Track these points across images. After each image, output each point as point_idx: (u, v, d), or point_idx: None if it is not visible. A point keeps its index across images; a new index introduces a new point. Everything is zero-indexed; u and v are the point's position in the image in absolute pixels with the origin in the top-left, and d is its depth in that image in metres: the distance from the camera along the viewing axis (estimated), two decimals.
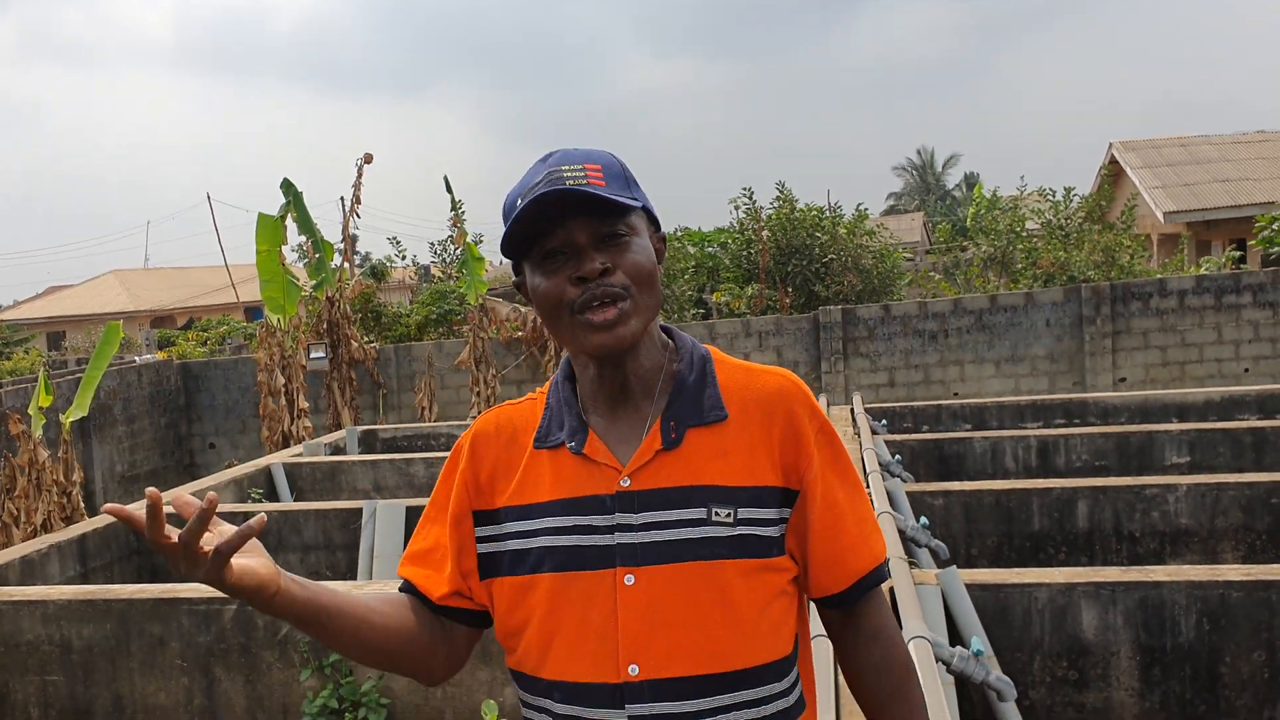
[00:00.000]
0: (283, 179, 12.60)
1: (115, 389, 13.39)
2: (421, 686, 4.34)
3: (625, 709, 1.31)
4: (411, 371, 14.23)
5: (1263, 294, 12.83)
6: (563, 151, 1.41)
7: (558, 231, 1.35)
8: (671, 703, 1.31)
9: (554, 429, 1.43)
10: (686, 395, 1.41)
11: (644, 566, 1.33)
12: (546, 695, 1.38)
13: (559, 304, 1.37)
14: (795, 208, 16.03)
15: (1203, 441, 7.00)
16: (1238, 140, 23.08)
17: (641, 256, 1.37)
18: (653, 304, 1.39)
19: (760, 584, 1.36)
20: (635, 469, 1.37)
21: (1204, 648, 3.94)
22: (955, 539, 5.66)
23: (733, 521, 1.34)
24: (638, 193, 1.42)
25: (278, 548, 6.42)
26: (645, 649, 1.32)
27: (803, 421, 1.41)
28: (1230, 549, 5.45)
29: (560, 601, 1.36)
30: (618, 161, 1.42)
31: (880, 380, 13.40)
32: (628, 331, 1.36)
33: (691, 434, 1.38)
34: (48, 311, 35.09)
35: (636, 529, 1.34)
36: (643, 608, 1.32)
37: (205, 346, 18.75)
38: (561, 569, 1.36)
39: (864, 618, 1.46)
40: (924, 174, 54.71)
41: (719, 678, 1.33)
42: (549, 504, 1.39)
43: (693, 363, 1.45)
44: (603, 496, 1.36)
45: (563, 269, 1.36)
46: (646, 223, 1.43)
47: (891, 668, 1.45)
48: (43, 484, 8.24)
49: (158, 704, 4.61)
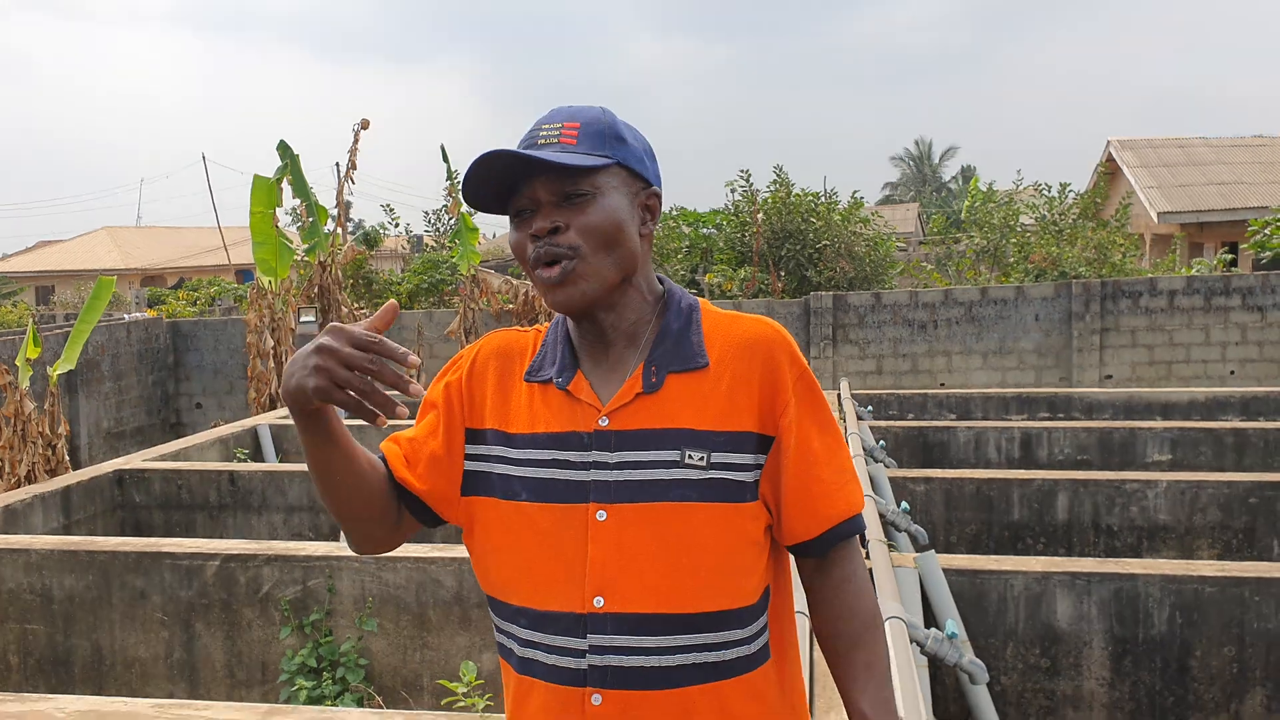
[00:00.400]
0: (279, 141, 12.51)
1: (104, 345, 13.35)
2: (400, 648, 4.37)
3: (586, 638, 1.35)
4: (401, 340, 14.21)
5: (1252, 297, 12.90)
6: (555, 109, 1.46)
7: (524, 189, 1.40)
8: (631, 636, 1.35)
9: (545, 365, 1.47)
10: (669, 341, 1.44)
11: (616, 504, 1.36)
12: (513, 620, 1.42)
13: (524, 258, 1.43)
14: (791, 192, 16.02)
15: (1185, 440, 7.06)
16: (1235, 143, 23.13)
17: (597, 216, 1.39)
18: (615, 262, 1.41)
19: (729, 529, 1.38)
20: (614, 409, 1.40)
21: (1175, 641, 3.99)
22: (935, 525, 5.70)
23: (705, 465, 1.37)
24: (619, 149, 1.43)
25: (262, 507, 6.44)
26: (612, 583, 1.35)
27: (782, 368, 1.43)
28: (1207, 546, 5.51)
29: (533, 531, 1.39)
30: (604, 118, 1.44)
31: (868, 368, 13.44)
32: (577, 291, 1.39)
33: (672, 379, 1.41)
34: (37, 265, 34.86)
35: (611, 467, 1.38)
36: (612, 543, 1.36)
37: (195, 306, 18.68)
38: (537, 499, 1.39)
39: (835, 565, 1.47)
40: (921, 165, 54.70)
41: (680, 618, 1.36)
42: (531, 435, 1.42)
43: (679, 311, 1.47)
44: (581, 433, 1.40)
45: (525, 224, 1.42)
46: (627, 179, 1.44)
47: (856, 614, 1.46)
48: (28, 435, 8.21)
49: (137, 656, 4.63)
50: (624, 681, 1.35)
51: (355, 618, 4.39)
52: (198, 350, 14.83)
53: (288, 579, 4.46)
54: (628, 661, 1.35)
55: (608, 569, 1.36)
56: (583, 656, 1.35)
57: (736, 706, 1.39)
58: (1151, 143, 22.92)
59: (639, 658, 1.35)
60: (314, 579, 4.44)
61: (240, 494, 6.49)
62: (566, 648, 1.36)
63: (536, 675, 1.39)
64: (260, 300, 12.24)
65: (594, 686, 1.35)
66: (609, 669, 1.35)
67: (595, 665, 1.35)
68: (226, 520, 6.49)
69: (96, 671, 4.66)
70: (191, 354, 14.86)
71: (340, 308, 13.64)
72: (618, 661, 1.35)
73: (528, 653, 1.40)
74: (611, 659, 1.35)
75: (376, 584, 4.37)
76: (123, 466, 6.62)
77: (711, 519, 1.37)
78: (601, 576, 1.36)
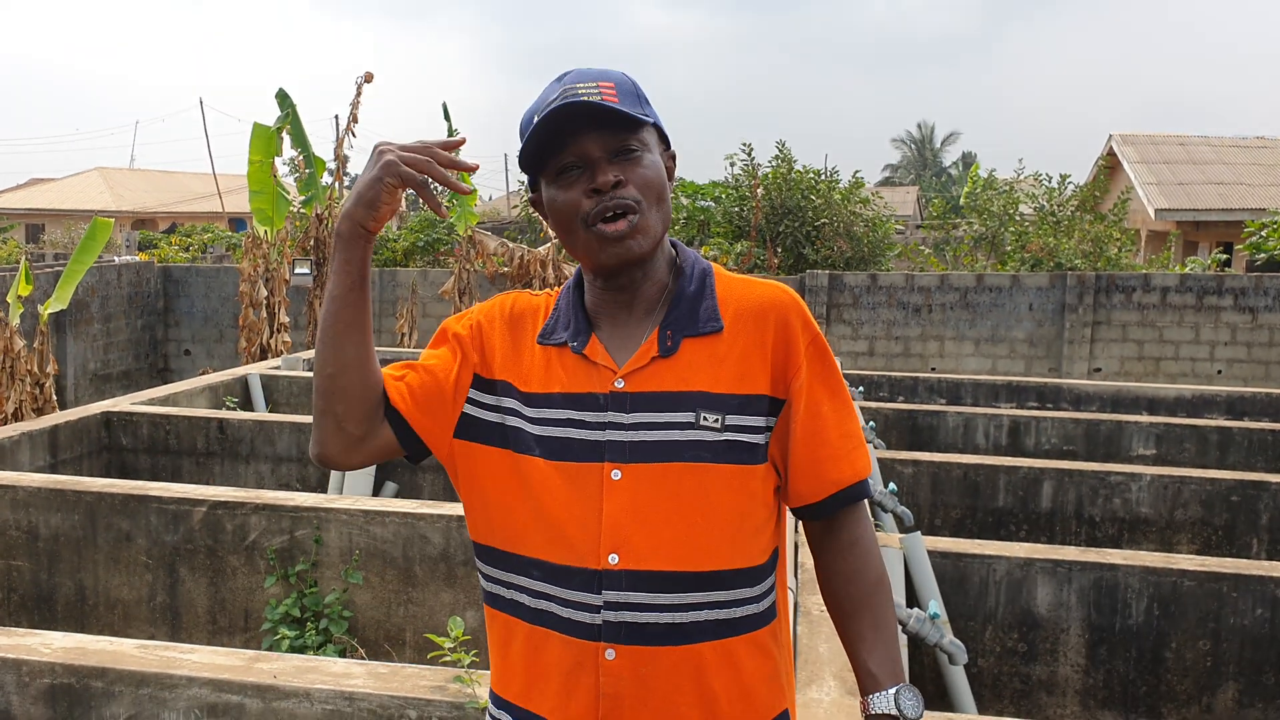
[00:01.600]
0: (278, 89, 12.40)
1: (94, 286, 13.28)
2: (384, 601, 4.39)
3: (601, 594, 1.37)
4: (394, 297, 14.17)
5: (1244, 298, 12.95)
6: (577, 71, 1.45)
7: (572, 145, 1.40)
8: (645, 593, 1.37)
9: (559, 328, 1.48)
10: (685, 305, 1.45)
11: (631, 464, 1.38)
12: (523, 572, 1.43)
13: (573, 216, 1.41)
14: (793, 168, 15.97)
15: (1170, 436, 7.10)
16: (1236, 144, 23.12)
17: (651, 172, 1.41)
18: (663, 219, 1.43)
19: (742, 490, 1.41)
20: (630, 371, 1.42)
21: (1152, 631, 4.04)
22: (921, 507, 5.74)
23: (720, 427, 1.39)
24: (649, 110, 1.45)
25: (250, 456, 6.44)
26: (626, 541, 1.37)
27: (795, 331, 1.45)
28: (1187, 541, 5.56)
29: (548, 487, 1.41)
30: (630, 80, 1.46)
31: (860, 348, 13.47)
32: (638, 245, 1.40)
33: (687, 343, 1.43)
34: (28, 203, 34.54)
35: (627, 428, 1.39)
36: (627, 502, 1.38)
37: (188, 253, 18.56)
38: (552, 457, 1.41)
39: (842, 528, 1.50)
40: (922, 149, 54.57)
41: (693, 575, 1.38)
42: (547, 395, 1.44)
43: (693, 276, 1.49)
44: (597, 394, 1.41)
45: (577, 182, 1.41)
46: (657, 139, 1.47)
47: (864, 576, 1.49)
48: (16, 373, 8.19)
49: (120, 598, 4.64)
50: (638, 637, 1.37)
51: (341, 570, 4.41)
52: (188, 296, 14.77)
53: (275, 528, 4.47)
54: (642, 618, 1.37)
55: (622, 527, 1.37)
56: (597, 612, 1.37)
57: (746, 662, 1.42)
58: (1153, 139, 22.90)
59: (653, 614, 1.37)
60: (301, 529, 4.45)
61: (229, 442, 6.48)
62: (581, 602, 1.38)
63: (550, 626, 1.40)
64: (255, 250, 12.18)
65: (608, 641, 1.37)
66: (623, 625, 1.37)
67: (610, 621, 1.37)
68: (214, 467, 6.49)
69: (79, 610, 4.67)
70: (182, 300, 14.79)
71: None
72: (632, 618, 1.37)
73: (541, 604, 1.41)
74: (626, 615, 1.37)
75: (364, 537, 4.39)
76: (111, 409, 6.61)
77: (725, 479, 1.39)
78: (616, 534, 1.37)
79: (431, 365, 1.49)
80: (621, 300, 1.47)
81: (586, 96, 1.38)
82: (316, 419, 1.47)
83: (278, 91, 12.34)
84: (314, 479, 6.37)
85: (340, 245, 1.43)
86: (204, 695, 2.81)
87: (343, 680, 2.80)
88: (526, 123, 1.43)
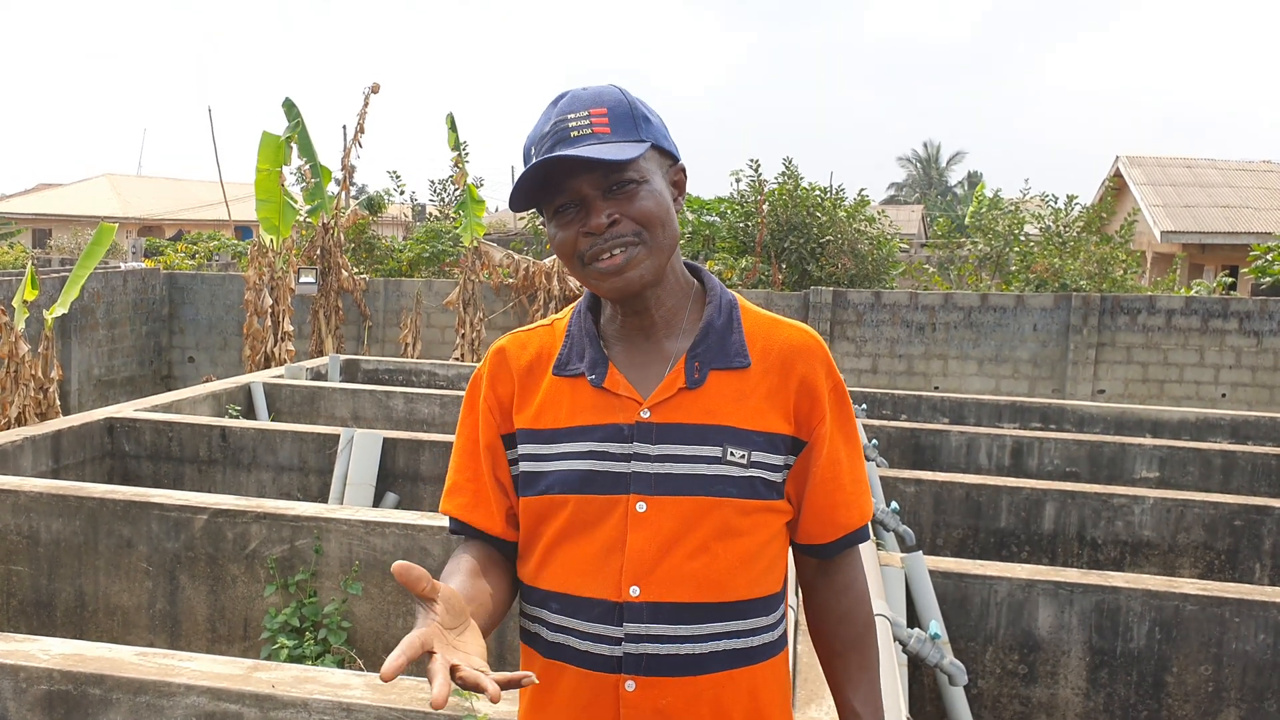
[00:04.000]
0: (286, 99, 12.46)
1: (99, 292, 13.30)
2: (383, 613, 4.38)
3: (623, 626, 1.37)
4: (399, 307, 14.19)
5: (1249, 322, 12.94)
6: (571, 94, 1.41)
7: (565, 187, 1.38)
8: (667, 625, 1.37)
9: (574, 358, 1.47)
10: (713, 337, 1.45)
11: (656, 496, 1.38)
12: (542, 605, 1.43)
13: (572, 255, 1.41)
14: (799, 185, 16.00)
15: (1173, 459, 7.08)
16: (1243, 168, 23.14)
17: (650, 202, 1.39)
18: (667, 243, 1.41)
19: (762, 523, 1.42)
20: (657, 403, 1.41)
21: (1153, 656, 4.02)
22: (923, 527, 5.73)
23: (746, 463, 1.40)
24: (648, 130, 1.41)
25: (252, 465, 6.44)
26: (649, 573, 1.37)
27: (820, 378, 1.45)
28: (1189, 565, 5.54)
29: (571, 520, 1.40)
30: (625, 99, 1.41)
31: (864, 366, 13.46)
32: (637, 274, 1.39)
33: (714, 375, 1.43)
34: (36, 208, 34.64)
35: (653, 459, 1.39)
36: (651, 534, 1.37)
37: (193, 260, 18.60)
38: (576, 491, 1.40)
39: (839, 570, 1.53)
40: (928, 168, 54.64)
41: (714, 606, 1.38)
42: (568, 430, 1.43)
43: (721, 307, 1.48)
44: (621, 425, 1.41)
45: (574, 220, 1.39)
46: (659, 159, 1.43)
47: (854, 619, 1.53)
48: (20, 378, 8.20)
49: (119, 604, 4.64)
50: (658, 668, 1.37)
51: (341, 580, 4.40)
52: (193, 304, 14.79)
53: (275, 537, 4.47)
54: (663, 649, 1.37)
55: (645, 559, 1.37)
56: (618, 644, 1.37)
57: (762, 691, 1.43)
58: (1160, 161, 22.93)
59: (673, 645, 1.37)
60: (301, 539, 4.44)
61: (231, 450, 6.49)
62: (600, 634, 1.38)
63: (567, 660, 1.40)
64: (261, 258, 12.21)
65: (628, 673, 1.37)
66: (644, 656, 1.37)
67: (630, 653, 1.37)
68: (215, 475, 6.49)
69: (78, 617, 4.66)
70: (187, 307, 14.81)
71: (340, 271, 13.62)
72: (653, 649, 1.37)
73: (558, 637, 1.41)
74: (647, 647, 1.37)
75: (364, 548, 4.38)
76: (114, 415, 6.61)
77: (748, 514, 1.40)
78: (639, 566, 1.37)
79: (477, 478, 1.50)
80: (637, 324, 1.46)
81: (576, 131, 1.36)
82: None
83: (285, 101, 12.40)
84: (315, 488, 6.37)
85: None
86: (201, 704, 2.80)
87: (340, 691, 2.80)
88: (525, 153, 1.42)
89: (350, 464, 6.10)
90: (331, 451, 6.31)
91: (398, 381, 9.70)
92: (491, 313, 13.84)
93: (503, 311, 13.91)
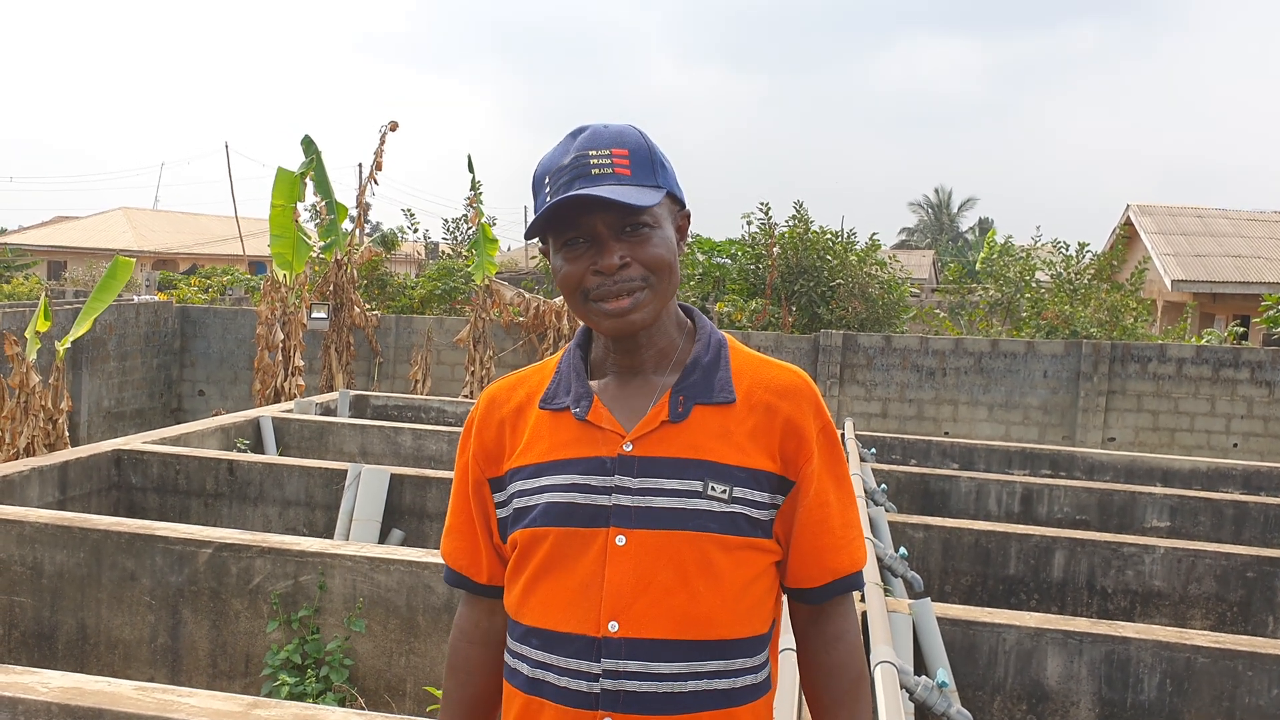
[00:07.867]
0: (304, 136, 12.57)
1: (111, 324, 13.37)
2: (386, 651, 4.35)
3: (600, 662, 1.36)
4: (409, 343, 14.24)
5: (1261, 372, 12.88)
6: (592, 130, 1.42)
7: (580, 222, 1.39)
8: (646, 662, 1.36)
9: (560, 393, 1.48)
10: (699, 373, 1.45)
11: (636, 529, 1.37)
12: (523, 641, 1.43)
13: (577, 289, 1.41)
14: (810, 228, 16.06)
15: (1184, 508, 7.02)
16: (1254, 218, 23.17)
17: (661, 249, 1.41)
18: (669, 288, 1.43)
19: (745, 560, 1.40)
20: (639, 436, 1.41)
21: (1164, 708, 3.96)
22: (931, 573, 5.68)
23: (727, 499, 1.39)
24: (663, 176, 1.43)
25: (258, 499, 6.43)
26: (628, 608, 1.36)
27: (807, 419, 1.45)
28: (1200, 616, 5.47)
29: (551, 554, 1.40)
30: (645, 143, 1.43)
31: (873, 410, 13.42)
32: (640, 317, 1.40)
33: (698, 410, 1.43)
34: (52, 240, 34.98)
35: (634, 493, 1.39)
36: (630, 568, 1.37)
37: (206, 294, 18.72)
38: (556, 524, 1.40)
39: (831, 619, 1.50)
40: (939, 213, 54.84)
41: (695, 644, 1.37)
42: (551, 463, 1.43)
43: (709, 344, 1.49)
44: (604, 458, 1.41)
45: (583, 256, 1.40)
46: (669, 204, 1.45)
47: (846, 671, 1.49)
48: (30, 408, 8.23)
49: (121, 638, 4.61)
50: (636, 706, 1.35)
51: (344, 617, 4.37)
52: (205, 337, 14.86)
53: (279, 573, 4.45)
54: (641, 686, 1.35)
55: (624, 594, 1.37)
56: (596, 680, 1.36)
57: None
58: (1170, 210, 22.98)
59: (652, 683, 1.36)
60: (306, 575, 4.42)
61: (238, 484, 6.48)
62: (579, 670, 1.37)
63: (545, 696, 1.39)
64: (274, 293, 12.27)
65: (605, 710, 1.36)
66: (621, 693, 1.36)
67: (609, 689, 1.36)
68: (222, 509, 6.48)
69: (80, 649, 4.64)
70: (199, 340, 14.88)
71: (352, 307, 13.68)
72: (631, 686, 1.35)
73: (538, 673, 1.40)
74: (625, 683, 1.35)
75: (368, 584, 4.36)
76: (122, 447, 6.62)
77: (729, 550, 1.39)
78: (617, 601, 1.36)
79: (467, 523, 1.55)
80: (628, 362, 1.47)
81: (598, 169, 1.37)
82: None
83: (303, 138, 12.51)
84: (321, 524, 6.35)
85: None
86: None
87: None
88: (539, 179, 1.43)
89: (356, 500, 6.08)
90: (338, 487, 6.30)
91: (407, 418, 9.70)
92: (501, 350, 13.87)
93: (512, 350, 13.94)
